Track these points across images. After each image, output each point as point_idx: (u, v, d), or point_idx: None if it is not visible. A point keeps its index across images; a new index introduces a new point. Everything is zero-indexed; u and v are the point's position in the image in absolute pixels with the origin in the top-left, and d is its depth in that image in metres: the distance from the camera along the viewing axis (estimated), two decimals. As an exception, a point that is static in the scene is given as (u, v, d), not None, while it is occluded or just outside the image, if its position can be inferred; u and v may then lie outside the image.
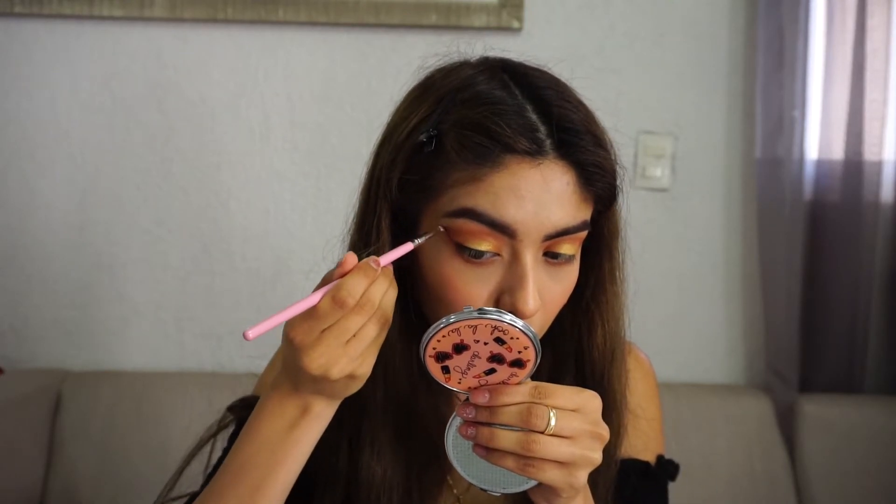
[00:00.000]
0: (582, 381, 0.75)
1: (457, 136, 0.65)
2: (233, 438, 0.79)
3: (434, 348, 0.62)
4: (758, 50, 1.51)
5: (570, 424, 0.59)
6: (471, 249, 0.65)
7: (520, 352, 0.61)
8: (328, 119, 1.57)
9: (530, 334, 0.60)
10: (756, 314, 1.60)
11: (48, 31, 1.54)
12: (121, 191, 1.57)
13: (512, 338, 0.60)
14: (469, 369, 0.62)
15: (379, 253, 0.65)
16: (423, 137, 0.67)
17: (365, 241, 0.69)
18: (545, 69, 0.71)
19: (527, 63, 0.72)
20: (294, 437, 0.65)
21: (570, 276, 0.69)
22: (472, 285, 0.65)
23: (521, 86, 0.68)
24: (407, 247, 0.65)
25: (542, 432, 0.59)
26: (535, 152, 0.64)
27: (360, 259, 0.62)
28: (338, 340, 0.60)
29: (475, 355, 0.61)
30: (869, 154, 1.50)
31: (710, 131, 1.59)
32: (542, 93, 0.67)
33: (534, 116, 0.65)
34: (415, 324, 0.70)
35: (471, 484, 0.66)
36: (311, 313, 0.60)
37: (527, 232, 0.64)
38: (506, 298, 0.65)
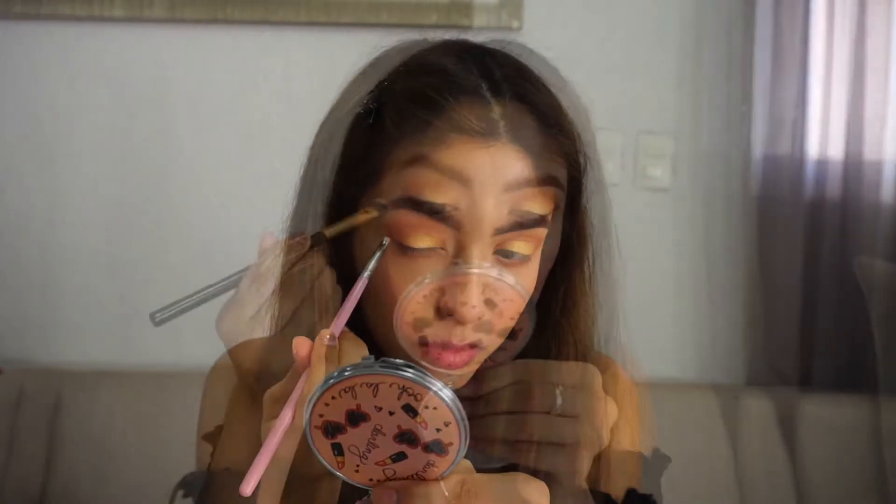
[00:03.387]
0: None
1: (397, 107, 0.58)
2: None
3: (321, 415, 0.43)
4: (757, 50, 1.51)
5: None
6: (409, 247, 0.57)
7: (438, 430, 0.43)
8: (328, 119, 1.57)
9: (452, 405, 0.42)
10: (756, 314, 1.60)
11: (48, 31, 1.54)
12: (120, 191, 1.57)
13: (426, 407, 0.42)
14: (370, 452, 0.44)
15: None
16: (359, 109, 0.59)
17: (299, 231, 0.64)
18: (509, 53, 0.63)
19: (489, 44, 0.63)
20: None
21: (525, 279, 0.59)
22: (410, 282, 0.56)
23: (477, 62, 0.60)
24: (358, 290, 0.55)
25: None
26: (486, 133, 0.56)
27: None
28: None
29: (377, 430, 0.43)
30: (869, 154, 1.50)
31: (710, 131, 1.58)
32: (501, 70, 0.59)
33: (488, 94, 0.57)
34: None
35: None
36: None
37: (473, 223, 0.56)
38: (445, 300, 0.55)
